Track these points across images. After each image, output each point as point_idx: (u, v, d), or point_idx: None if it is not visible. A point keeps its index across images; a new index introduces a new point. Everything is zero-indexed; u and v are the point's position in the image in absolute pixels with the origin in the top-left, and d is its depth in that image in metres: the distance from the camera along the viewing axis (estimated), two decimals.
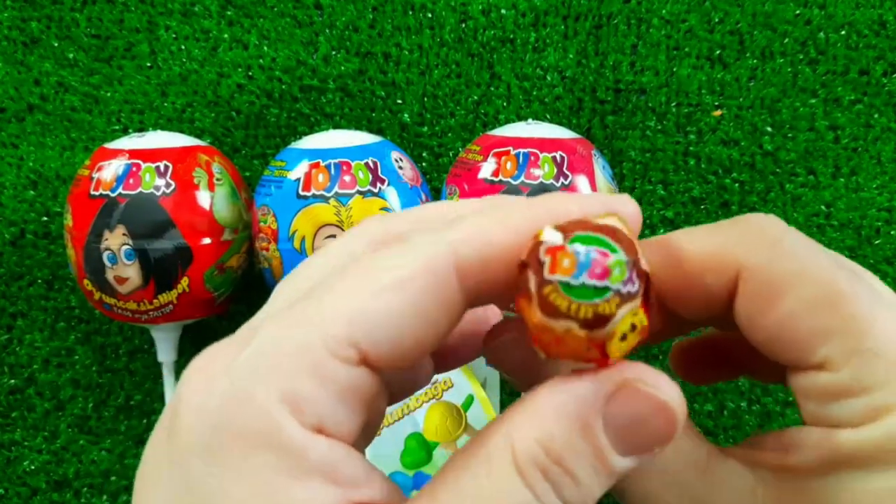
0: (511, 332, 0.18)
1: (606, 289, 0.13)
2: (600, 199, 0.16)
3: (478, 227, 0.15)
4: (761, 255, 0.16)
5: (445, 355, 0.20)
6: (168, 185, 0.39)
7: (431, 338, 0.15)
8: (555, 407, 0.14)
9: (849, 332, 0.16)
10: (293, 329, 0.14)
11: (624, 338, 0.14)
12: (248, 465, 0.14)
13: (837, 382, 0.16)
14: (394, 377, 0.18)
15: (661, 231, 0.46)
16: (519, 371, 0.18)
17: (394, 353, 0.15)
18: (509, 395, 0.45)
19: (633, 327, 0.14)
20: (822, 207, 0.45)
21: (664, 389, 0.15)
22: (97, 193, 0.39)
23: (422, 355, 0.15)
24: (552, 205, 0.16)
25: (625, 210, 0.16)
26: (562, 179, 0.38)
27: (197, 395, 0.14)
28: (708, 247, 0.17)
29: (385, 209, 0.39)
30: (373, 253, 0.16)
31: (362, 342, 0.14)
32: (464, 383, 0.43)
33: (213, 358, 0.15)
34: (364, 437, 0.18)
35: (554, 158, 0.39)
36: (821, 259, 0.16)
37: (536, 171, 0.38)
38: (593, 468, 0.14)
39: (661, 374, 0.15)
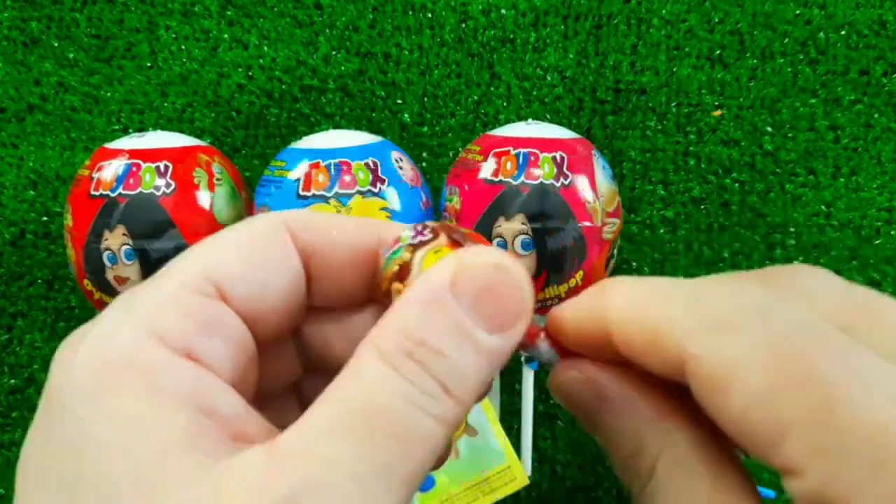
0: (574, 370, 0.18)
1: (399, 249, 0.17)
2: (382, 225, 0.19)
3: (311, 212, 0.19)
4: (706, 342, 0.14)
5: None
6: (168, 185, 0.39)
7: (279, 291, 0.17)
8: (408, 300, 0.15)
9: (808, 424, 0.13)
10: (154, 279, 0.16)
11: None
12: (118, 391, 0.14)
13: (808, 491, 0.13)
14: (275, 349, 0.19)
15: (661, 231, 0.46)
16: (583, 409, 0.18)
17: (250, 295, 0.17)
18: (509, 396, 0.45)
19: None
20: (822, 207, 0.45)
21: (497, 256, 0.16)
22: (97, 193, 0.39)
23: (279, 312, 0.17)
24: (382, 228, 0.18)
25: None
26: (562, 179, 0.38)
27: (66, 356, 0.15)
28: (646, 325, 0.15)
29: (385, 209, 0.39)
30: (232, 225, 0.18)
31: (219, 280, 0.16)
32: None
33: (76, 332, 0.16)
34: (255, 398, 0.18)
35: (554, 158, 0.39)
36: (776, 324, 0.14)
37: (536, 171, 0.38)
38: (458, 341, 0.15)
39: (499, 250, 0.16)
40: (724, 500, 0.15)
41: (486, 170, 0.39)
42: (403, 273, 0.17)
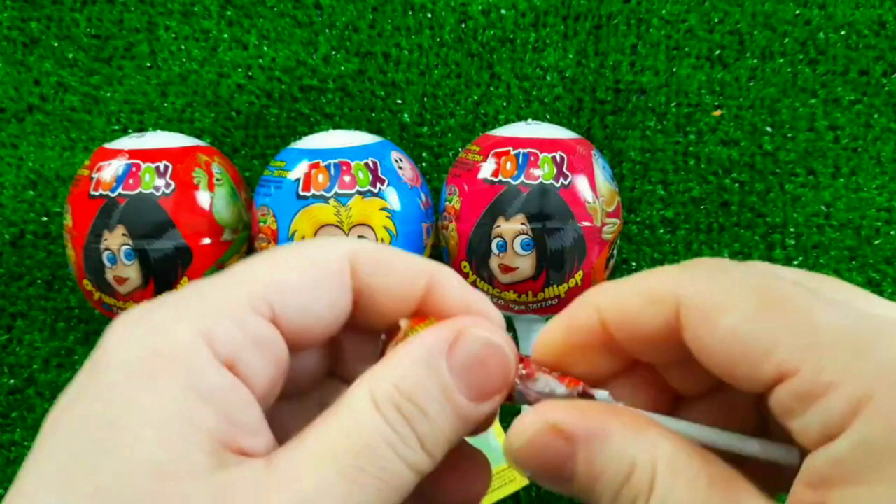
0: (536, 422, 0.19)
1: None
2: (467, 294, 0.19)
3: (374, 246, 0.19)
4: (697, 283, 0.17)
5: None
6: (168, 186, 0.39)
7: (325, 320, 0.18)
8: (407, 354, 0.17)
9: (795, 331, 0.15)
10: (218, 284, 0.17)
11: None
12: (159, 380, 0.15)
13: (800, 387, 0.15)
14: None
15: (661, 231, 0.46)
16: (555, 463, 0.19)
17: (298, 322, 0.17)
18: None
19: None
20: (822, 207, 0.45)
21: (496, 335, 0.18)
22: (97, 193, 0.39)
23: (316, 336, 0.18)
24: (435, 272, 0.19)
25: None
26: (561, 179, 0.38)
27: (121, 330, 0.16)
28: (644, 290, 0.18)
29: (385, 209, 0.39)
30: (292, 245, 0.19)
31: (275, 302, 0.17)
32: None
33: (138, 310, 0.17)
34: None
35: (554, 158, 0.39)
36: (753, 275, 0.17)
37: (536, 171, 0.38)
38: (441, 405, 0.17)
39: (495, 327, 0.18)
40: (726, 489, 0.16)
41: (486, 170, 0.39)
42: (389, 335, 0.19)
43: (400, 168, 0.40)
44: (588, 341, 0.19)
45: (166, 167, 0.39)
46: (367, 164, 0.39)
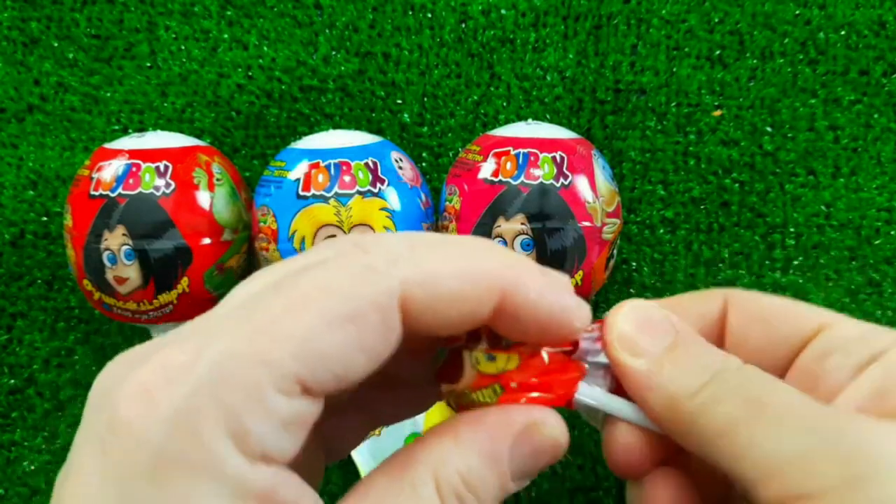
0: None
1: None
2: (560, 285, 0.18)
3: (431, 269, 0.16)
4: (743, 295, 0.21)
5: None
6: (168, 185, 0.39)
7: (371, 369, 0.16)
8: (474, 442, 0.17)
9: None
10: (242, 361, 0.15)
11: (492, 358, 0.19)
12: (192, 493, 0.14)
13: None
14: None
15: (661, 231, 0.46)
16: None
17: (335, 385, 0.15)
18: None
19: (491, 357, 0.19)
20: (822, 207, 0.45)
21: (559, 430, 0.18)
22: (97, 193, 0.39)
23: (361, 379, 0.16)
24: (507, 262, 0.17)
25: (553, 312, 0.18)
26: (562, 179, 0.38)
27: (138, 416, 0.14)
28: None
29: (385, 209, 0.39)
30: (323, 274, 0.16)
31: (308, 378, 0.15)
32: None
33: (155, 375, 0.15)
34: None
35: (554, 158, 0.38)
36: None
37: (536, 171, 0.38)
38: (496, 493, 0.17)
39: (557, 415, 0.18)
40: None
41: (486, 170, 0.39)
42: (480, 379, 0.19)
43: (400, 168, 0.40)
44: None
45: (166, 167, 0.39)
46: (367, 164, 0.39)
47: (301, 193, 0.38)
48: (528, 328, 0.18)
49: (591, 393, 0.20)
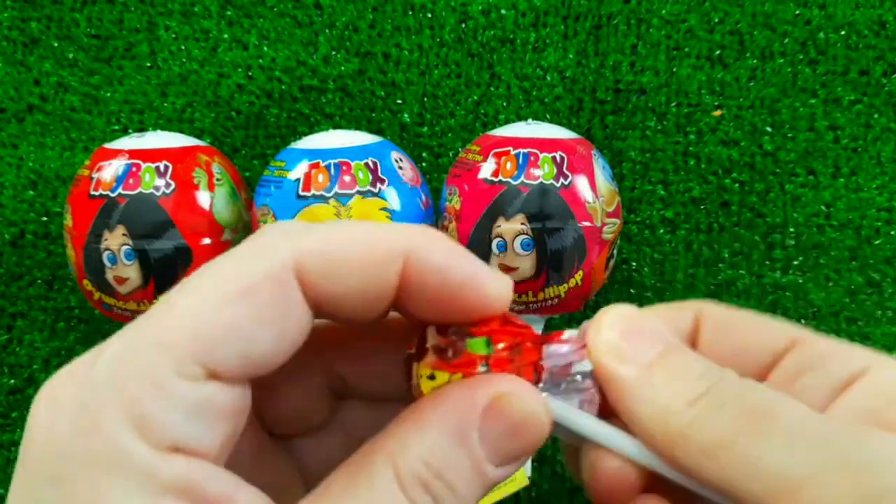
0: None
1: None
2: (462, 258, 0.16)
3: (326, 237, 0.15)
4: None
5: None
6: (168, 186, 0.39)
7: (283, 345, 0.15)
8: (435, 423, 0.15)
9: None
10: (138, 348, 0.14)
11: (432, 377, 0.17)
12: (99, 491, 0.13)
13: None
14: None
15: (661, 231, 0.46)
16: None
17: (244, 365, 0.15)
18: None
19: (432, 377, 0.17)
20: (822, 207, 0.45)
21: (533, 401, 0.16)
22: (97, 193, 0.39)
23: (276, 363, 0.15)
24: (411, 231, 0.16)
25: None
26: (561, 179, 0.38)
27: (43, 422, 0.14)
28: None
29: (385, 209, 0.39)
30: (219, 261, 0.15)
31: (207, 359, 0.14)
32: None
33: (61, 381, 0.15)
34: (248, 444, 0.18)
35: (554, 158, 0.39)
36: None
37: (536, 171, 0.38)
38: (470, 479, 0.15)
39: (529, 386, 0.16)
40: None
41: (486, 170, 0.39)
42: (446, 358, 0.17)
43: (400, 168, 0.40)
44: None
45: (166, 167, 0.39)
46: (367, 164, 0.39)
47: (301, 193, 0.38)
48: (440, 301, 0.16)
49: (573, 418, 0.18)
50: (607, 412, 0.18)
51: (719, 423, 0.16)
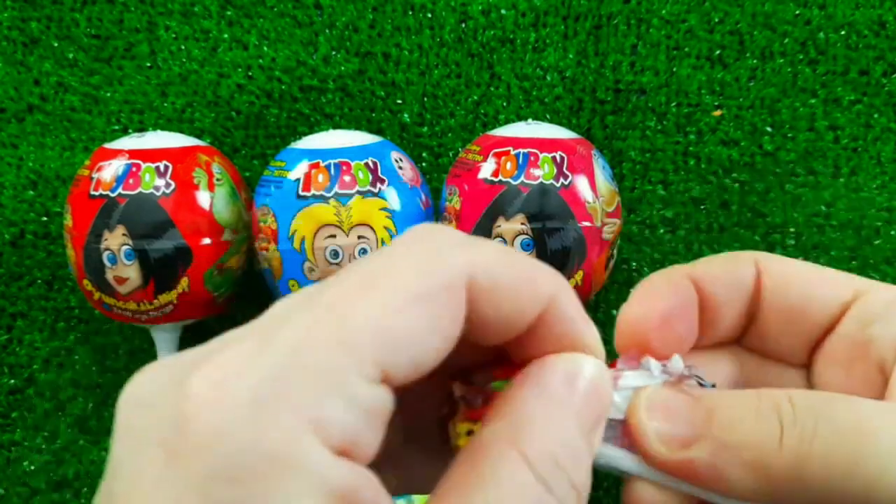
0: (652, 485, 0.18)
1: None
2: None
3: (493, 258, 0.15)
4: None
5: None
6: (168, 186, 0.39)
7: (441, 355, 0.15)
8: (551, 413, 0.16)
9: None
10: (318, 346, 0.14)
11: (470, 433, 0.17)
12: (275, 491, 0.13)
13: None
14: None
15: (661, 231, 0.46)
16: None
17: (413, 371, 0.15)
18: None
19: (470, 432, 0.17)
20: (822, 207, 0.45)
21: (603, 375, 0.17)
22: (97, 193, 0.39)
23: (427, 372, 0.15)
24: (554, 274, 0.17)
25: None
26: (562, 179, 0.38)
27: (212, 411, 0.13)
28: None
29: (385, 209, 0.39)
30: (388, 257, 0.15)
31: (386, 362, 0.14)
32: None
33: (222, 365, 0.14)
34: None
35: (554, 158, 0.39)
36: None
37: (536, 171, 0.38)
38: (585, 443, 0.16)
39: (592, 359, 0.17)
40: None
41: (486, 170, 0.39)
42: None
43: (400, 168, 0.40)
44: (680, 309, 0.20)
45: (166, 167, 0.39)
46: (367, 164, 0.39)
47: (301, 193, 0.38)
48: (541, 343, 0.17)
49: (626, 463, 0.17)
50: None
51: (826, 453, 0.16)
